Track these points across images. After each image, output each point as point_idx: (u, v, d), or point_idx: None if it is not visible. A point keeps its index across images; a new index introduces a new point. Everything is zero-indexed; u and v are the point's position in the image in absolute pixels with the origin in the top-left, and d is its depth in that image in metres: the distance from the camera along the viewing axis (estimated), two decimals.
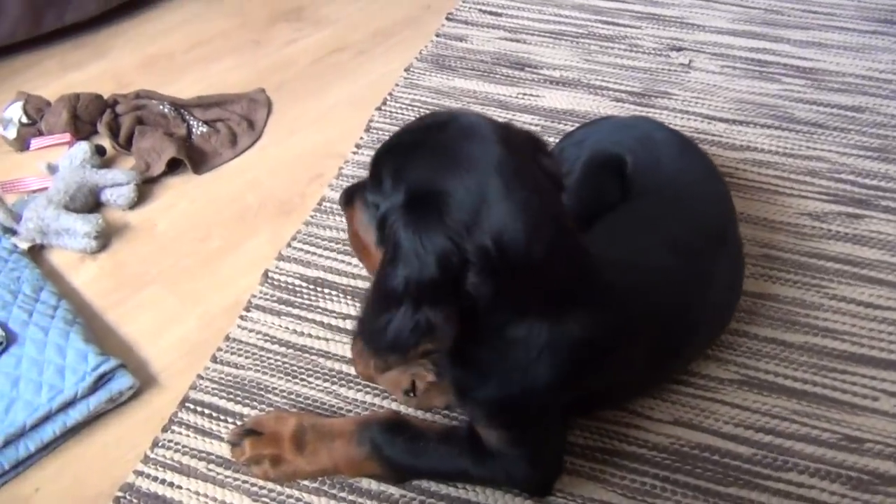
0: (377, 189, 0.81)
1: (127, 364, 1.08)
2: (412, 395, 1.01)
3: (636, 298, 0.87)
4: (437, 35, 1.76)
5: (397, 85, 1.61)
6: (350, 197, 0.91)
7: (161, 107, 1.52)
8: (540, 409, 0.87)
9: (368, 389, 1.06)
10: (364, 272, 1.22)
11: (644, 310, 0.89)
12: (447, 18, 1.81)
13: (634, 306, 0.87)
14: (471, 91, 1.59)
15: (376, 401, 1.05)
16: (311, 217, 1.32)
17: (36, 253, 1.27)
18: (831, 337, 1.12)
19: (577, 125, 1.38)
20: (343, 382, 1.07)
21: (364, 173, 1.41)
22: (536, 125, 1.49)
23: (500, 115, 1.49)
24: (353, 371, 1.08)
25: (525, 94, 1.58)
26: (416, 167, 0.78)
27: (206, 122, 1.52)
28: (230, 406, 1.05)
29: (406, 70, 1.65)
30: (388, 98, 1.57)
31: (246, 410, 1.04)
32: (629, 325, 0.87)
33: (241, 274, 1.24)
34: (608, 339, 0.84)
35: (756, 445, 0.99)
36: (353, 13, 1.87)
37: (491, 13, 1.83)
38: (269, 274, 1.23)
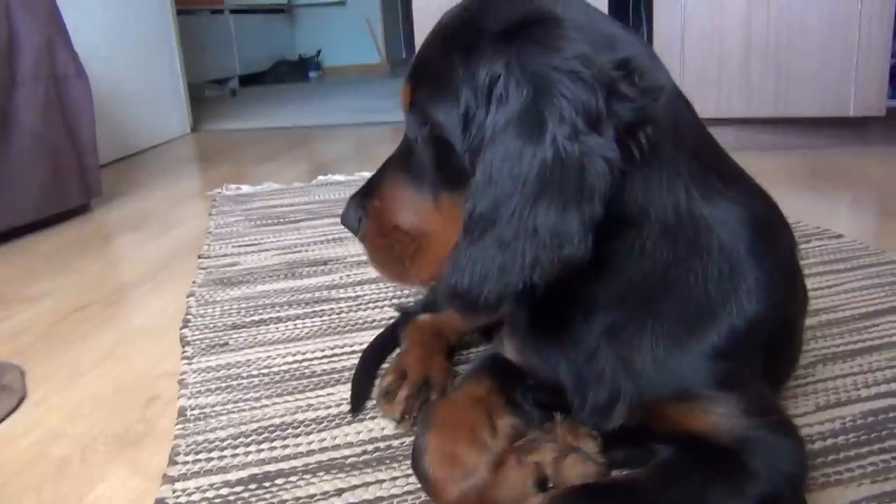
0: (433, 103, 0.60)
1: None
2: (546, 489, 0.65)
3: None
4: (204, 267, 1.47)
5: (191, 307, 1.27)
6: (362, 199, 0.69)
7: None
8: (757, 345, 0.64)
9: None
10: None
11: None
12: (200, 257, 1.54)
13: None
14: (292, 288, 1.32)
15: None
16: (182, 430, 0.88)
17: None
18: None
19: None
20: None
21: (212, 375, 1.02)
22: None
23: (348, 293, 1.27)
24: None
25: (348, 276, 1.37)
26: (497, 19, 0.59)
27: None
28: None
29: (190, 296, 1.32)
30: (191, 317, 1.22)
31: None
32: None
33: None
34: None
35: None
36: (68, 285, 1.48)
37: (247, 245, 1.62)
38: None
